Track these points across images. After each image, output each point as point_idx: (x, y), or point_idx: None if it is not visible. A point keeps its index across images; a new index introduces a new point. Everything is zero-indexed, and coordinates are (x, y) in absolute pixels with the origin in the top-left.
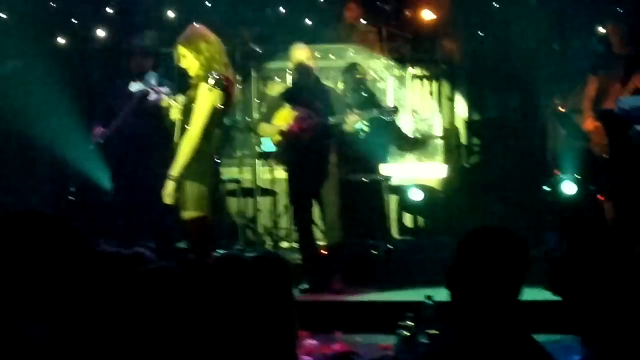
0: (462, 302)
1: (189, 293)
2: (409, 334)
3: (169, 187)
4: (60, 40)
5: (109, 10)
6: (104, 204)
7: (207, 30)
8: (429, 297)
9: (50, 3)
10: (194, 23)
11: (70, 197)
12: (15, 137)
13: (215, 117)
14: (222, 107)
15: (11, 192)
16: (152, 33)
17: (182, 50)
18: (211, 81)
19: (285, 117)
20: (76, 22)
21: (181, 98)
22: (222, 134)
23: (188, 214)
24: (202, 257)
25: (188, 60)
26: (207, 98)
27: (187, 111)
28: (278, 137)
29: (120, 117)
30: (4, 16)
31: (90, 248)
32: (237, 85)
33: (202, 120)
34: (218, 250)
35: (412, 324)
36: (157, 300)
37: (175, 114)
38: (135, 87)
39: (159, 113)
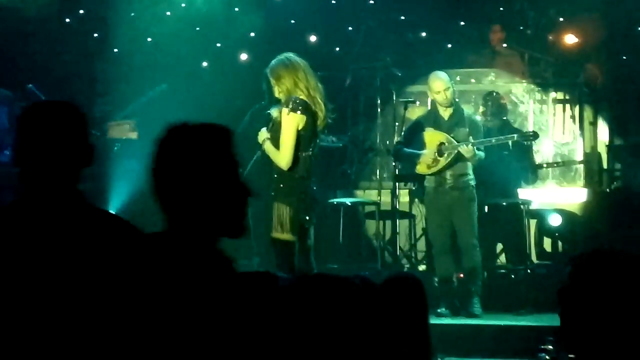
0: (572, 326)
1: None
2: (549, 357)
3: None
4: (204, 63)
5: (251, 34)
6: None
7: (292, 58)
8: None
9: (197, 28)
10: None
11: None
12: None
13: (299, 141)
14: (306, 131)
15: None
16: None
17: (269, 78)
18: (290, 105)
19: (428, 140)
20: (219, 45)
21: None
22: (311, 157)
23: (273, 234)
24: None
25: (274, 88)
26: (287, 122)
27: (272, 134)
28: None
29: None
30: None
31: None
32: (321, 110)
33: (285, 144)
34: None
35: (553, 347)
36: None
37: (262, 136)
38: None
39: None
